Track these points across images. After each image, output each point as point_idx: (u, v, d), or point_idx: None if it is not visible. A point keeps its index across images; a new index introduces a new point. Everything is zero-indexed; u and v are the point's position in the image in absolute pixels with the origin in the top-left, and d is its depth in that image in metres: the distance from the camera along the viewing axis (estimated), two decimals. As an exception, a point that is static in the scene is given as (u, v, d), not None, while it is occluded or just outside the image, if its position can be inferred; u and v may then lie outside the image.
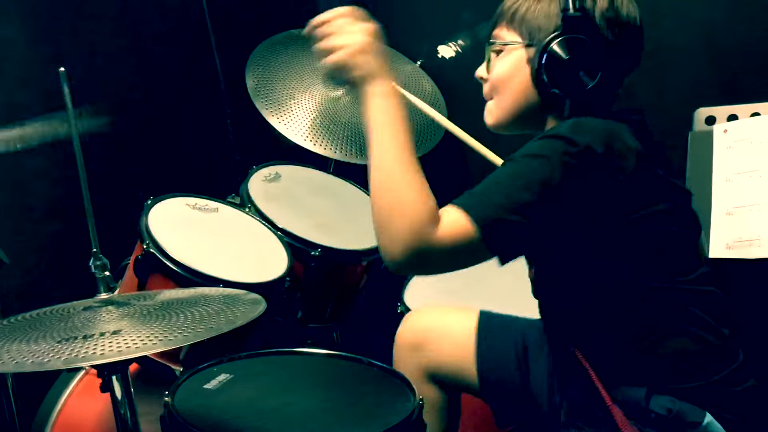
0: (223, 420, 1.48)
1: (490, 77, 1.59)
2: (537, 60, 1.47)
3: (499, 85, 1.57)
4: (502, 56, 1.56)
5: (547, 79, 1.46)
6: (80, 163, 1.46)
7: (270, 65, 2.65)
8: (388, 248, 1.36)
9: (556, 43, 1.45)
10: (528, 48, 1.51)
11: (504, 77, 1.55)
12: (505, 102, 1.56)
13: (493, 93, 1.59)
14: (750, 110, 2.04)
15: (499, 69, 1.56)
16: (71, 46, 2.64)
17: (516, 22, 1.53)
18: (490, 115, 1.61)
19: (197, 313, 1.40)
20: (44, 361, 1.23)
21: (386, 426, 1.45)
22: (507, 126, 1.59)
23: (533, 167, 1.35)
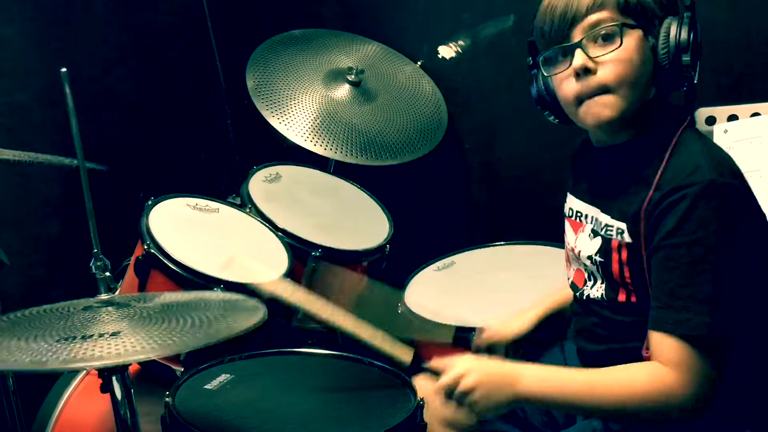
0: (223, 420, 1.49)
1: (609, 66, 1.41)
2: (672, 48, 1.40)
3: (631, 73, 1.42)
4: (628, 42, 1.41)
5: (691, 65, 1.40)
6: (81, 163, 1.46)
7: (270, 66, 2.65)
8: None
9: (693, 30, 1.39)
10: (648, 36, 1.42)
11: (636, 64, 1.41)
12: (633, 92, 1.42)
13: (620, 83, 1.42)
14: (750, 110, 2.04)
15: (629, 56, 1.41)
16: (71, 46, 2.64)
17: (630, 7, 1.41)
18: (611, 108, 1.43)
19: (197, 319, 1.40)
20: (42, 361, 1.23)
21: (386, 426, 1.45)
22: (624, 120, 1.45)
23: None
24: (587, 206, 1.54)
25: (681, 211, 1.34)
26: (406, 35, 2.91)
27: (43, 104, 2.56)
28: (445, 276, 2.29)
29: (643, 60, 1.42)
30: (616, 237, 1.45)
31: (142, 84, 2.82)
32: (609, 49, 1.41)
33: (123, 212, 2.18)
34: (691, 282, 1.33)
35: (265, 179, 2.43)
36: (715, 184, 1.33)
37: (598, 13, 1.42)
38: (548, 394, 1.41)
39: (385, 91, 2.73)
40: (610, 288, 1.48)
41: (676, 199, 1.35)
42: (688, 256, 1.33)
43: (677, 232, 1.34)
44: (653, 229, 1.38)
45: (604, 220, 1.48)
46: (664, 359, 1.35)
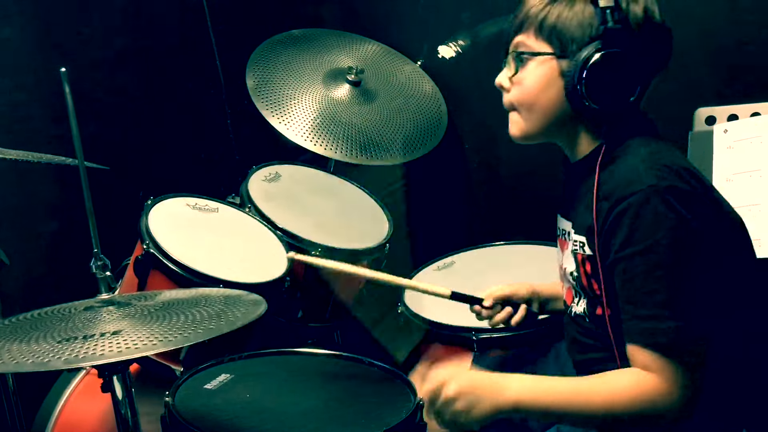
0: (223, 420, 1.49)
1: (516, 88, 1.51)
2: (575, 74, 1.41)
3: (528, 98, 1.49)
4: (531, 67, 1.48)
5: (587, 94, 1.41)
6: (81, 163, 1.46)
7: (270, 65, 2.65)
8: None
9: (595, 57, 1.39)
10: (560, 60, 1.45)
11: (535, 90, 1.48)
12: (535, 115, 1.50)
13: (520, 105, 1.52)
14: (750, 110, 2.04)
15: (530, 81, 1.48)
16: (71, 46, 2.64)
17: (545, 30, 1.45)
18: (516, 127, 1.54)
19: (197, 314, 1.40)
20: (45, 361, 1.23)
21: (386, 426, 1.45)
22: (534, 138, 1.54)
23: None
24: (566, 222, 1.57)
25: (628, 221, 1.35)
26: (406, 35, 2.91)
27: (43, 104, 2.56)
28: (445, 276, 2.29)
29: (545, 86, 1.47)
30: (580, 251, 1.47)
31: (142, 83, 2.82)
32: (514, 72, 1.50)
33: (123, 212, 2.18)
34: (651, 290, 1.34)
35: (264, 179, 2.43)
36: (656, 188, 1.34)
37: (521, 36, 1.49)
38: (533, 403, 1.40)
39: (385, 91, 2.73)
40: (589, 303, 1.49)
41: (621, 210, 1.36)
42: (643, 265, 1.34)
43: (628, 242, 1.35)
44: (607, 241, 1.39)
45: (573, 236, 1.50)
46: (644, 367, 1.35)
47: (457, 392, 1.40)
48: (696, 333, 1.33)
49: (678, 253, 1.33)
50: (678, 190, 1.35)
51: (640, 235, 1.34)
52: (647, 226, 1.34)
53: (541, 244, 2.32)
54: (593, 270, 1.45)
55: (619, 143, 1.45)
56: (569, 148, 1.55)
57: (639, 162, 1.39)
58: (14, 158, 1.94)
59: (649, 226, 1.33)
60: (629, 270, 1.35)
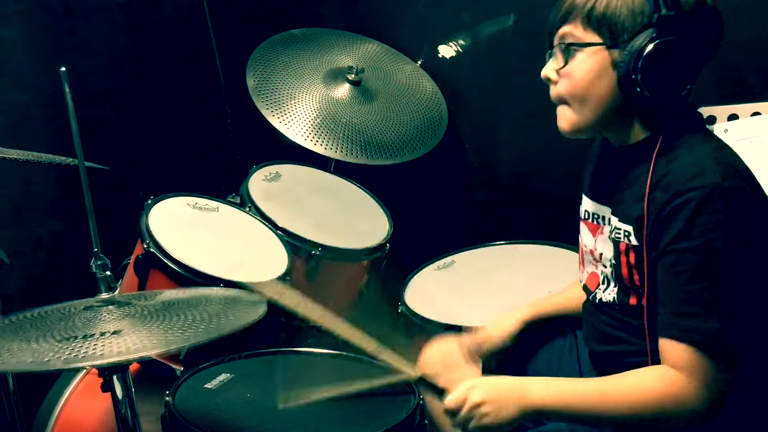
0: (223, 419, 1.49)
1: (565, 81, 1.46)
2: (630, 65, 1.37)
3: (580, 90, 1.44)
4: (580, 58, 1.43)
5: (644, 85, 1.37)
6: (81, 162, 1.46)
7: (270, 65, 2.65)
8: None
9: (650, 46, 1.35)
10: (611, 50, 1.40)
11: (587, 83, 1.43)
12: (587, 109, 1.45)
13: (571, 98, 1.46)
14: (750, 110, 2.04)
15: (580, 73, 1.43)
16: (71, 46, 2.64)
17: (594, 20, 1.40)
18: (566, 121, 1.48)
19: (198, 314, 1.40)
20: (44, 361, 1.23)
21: (386, 426, 1.45)
22: (585, 131, 1.49)
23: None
24: (601, 207, 1.53)
25: (686, 216, 1.33)
26: (406, 34, 2.91)
27: (43, 104, 2.56)
28: (445, 275, 2.29)
29: (596, 77, 1.42)
30: (624, 239, 1.44)
31: (142, 83, 2.82)
32: (563, 64, 1.45)
33: (123, 211, 2.18)
34: (700, 288, 1.32)
35: (264, 178, 2.43)
36: (721, 187, 1.32)
37: (567, 26, 1.44)
38: (559, 405, 1.39)
39: (385, 91, 2.73)
40: (622, 292, 1.47)
41: (680, 204, 1.33)
42: (695, 262, 1.32)
43: (683, 237, 1.33)
44: (659, 233, 1.37)
45: (614, 223, 1.47)
46: (675, 364, 1.34)
47: (483, 399, 1.39)
48: (735, 338, 1.32)
49: (732, 255, 1.31)
50: (741, 191, 1.34)
51: (697, 232, 1.32)
52: (706, 224, 1.31)
53: (542, 244, 2.32)
54: (637, 260, 1.42)
55: (677, 135, 1.41)
56: (616, 136, 1.50)
57: (704, 157, 1.36)
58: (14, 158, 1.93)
59: (707, 224, 1.31)
60: (679, 264, 1.33)
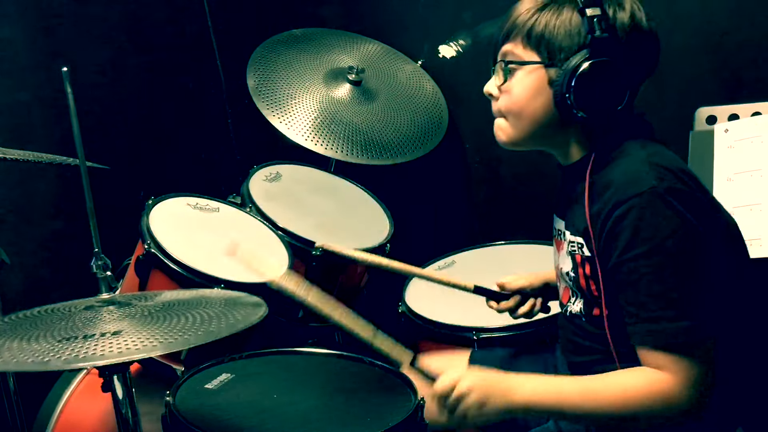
0: (223, 420, 1.49)
1: (504, 97, 1.52)
2: (564, 83, 1.41)
3: (517, 106, 1.50)
4: (519, 76, 1.49)
5: (576, 103, 1.41)
6: (82, 162, 1.46)
7: (271, 65, 2.65)
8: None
9: (584, 66, 1.39)
10: (548, 68, 1.45)
11: (523, 99, 1.49)
12: (522, 123, 1.51)
13: (508, 113, 1.53)
14: (751, 110, 2.04)
15: (518, 90, 1.49)
16: (71, 46, 2.64)
17: (533, 39, 1.46)
18: (503, 133, 1.55)
19: (198, 316, 1.40)
20: (44, 361, 1.23)
21: (386, 426, 1.45)
22: (522, 145, 1.55)
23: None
24: (561, 223, 1.57)
25: (631, 224, 1.35)
26: (406, 34, 2.91)
27: (44, 104, 2.56)
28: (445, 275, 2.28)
29: (533, 94, 1.47)
30: (578, 252, 1.48)
31: (143, 83, 2.82)
32: (503, 81, 1.51)
33: (123, 211, 2.18)
34: (659, 291, 1.34)
35: (265, 178, 2.43)
36: (657, 190, 1.34)
37: (508, 44, 1.50)
38: (545, 403, 1.41)
39: (385, 91, 2.73)
40: (586, 303, 1.50)
41: (622, 213, 1.36)
42: (648, 267, 1.34)
43: (632, 245, 1.35)
44: (608, 245, 1.39)
45: (569, 237, 1.51)
46: (657, 368, 1.35)
47: (470, 388, 1.41)
48: (706, 331, 1.33)
49: (683, 253, 1.33)
50: (679, 191, 1.36)
51: (644, 237, 1.34)
52: (650, 228, 1.34)
53: (541, 244, 2.32)
54: (592, 271, 1.45)
55: (614, 147, 1.45)
56: (560, 154, 1.56)
57: (638, 164, 1.39)
58: (14, 158, 1.94)
59: (652, 228, 1.34)
60: (634, 272, 1.36)
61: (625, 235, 1.36)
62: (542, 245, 2.32)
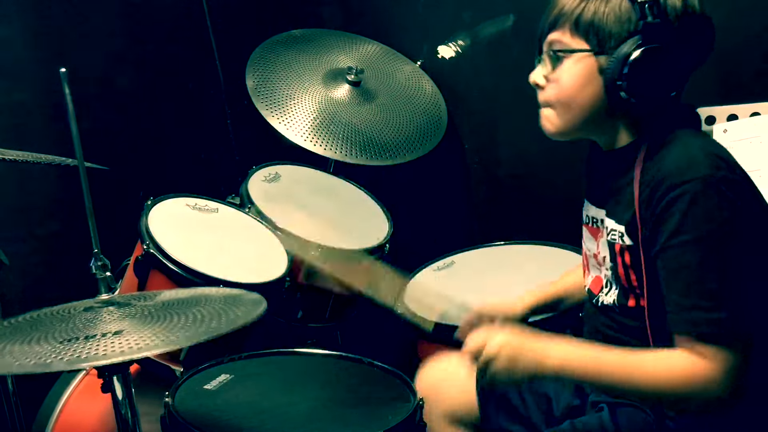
0: (223, 420, 1.49)
1: (552, 86, 1.49)
2: (616, 71, 1.39)
3: (566, 95, 1.47)
4: (567, 64, 1.46)
5: (629, 91, 1.39)
6: (80, 163, 1.46)
7: (270, 65, 2.65)
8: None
9: (636, 53, 1.37)
10: (598, 56, 1.42)
11: (573, 88, 1.46)
12: (572, 113, 1.48)
13: (557, 102, 1.49)
14: (750, 110, 2.04)
15: (567, 79, 1.46)
16: (71, 46, 2.64)
17: (582, 27, 1.43)
18: (551, 124, 1.52)
19: (198, 314, 1.40)
20: (46, 362, 1.23)
21: (386, 426, 1.45)
22: (570, 135, 1.52)
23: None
24: (599, 211, 1.55)
25: (681, 210, 1.34)
26: (406, 35, 2.91)
27: (43, 104, 2.56)
28: (444, 276, 2.29)
29: (583, 83, 1.45)
30: (618, 241, 1.46)
31: (141, 84, 2.82)
32: (551, 70, 1.48)
33: (123, 212, 2.18)
34: (700, 280, 1.33)
35: (264, 179, 2.43)
36: (713, 178, 1.33)
37: (555, 33, 1.47)
38: (580, 369, 1.40)
39: (384, 91, 2.73)
40: (622, 294, 1.48)
41: (675, 197, 1.34)
42: (696, 254, 1.33)
43: (680, 231, 1.34)
44: (655, 229, 1.38)
45: (609, 225, 1.49)
46: (696, 354, 1.35)
47: (501, 348, 1.41)
48: (745, 323, 1.33)
49: (730, 244, 1.33)
50: (733, 182, 1.35)
51: (694, 224, 1.33)
52: (701, 215, 1.33)
53: (542, 244, 2.32)
54: (633, 260, 1.44)
55: (665, 134, 1.43)
56: (605, 140, 1.53)
57: (695, 150, 1.37)
58: (14, 158, 1.94)
59: (703, 215, 1.33)
60: (680, 258, 1.35)
61: (675, 219, 1.34)
62: (542, 245, 2.32)
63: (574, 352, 1.42)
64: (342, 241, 2.27)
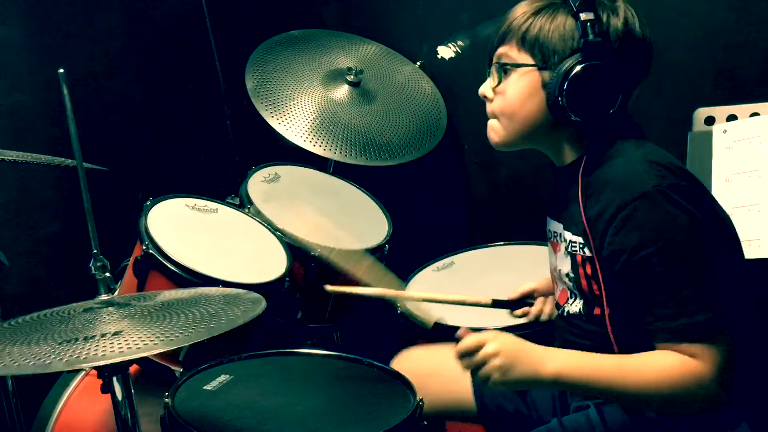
0: (222, 421, 1.49)
1: (499, 98, 1.54)
2: (556, 86, 1.44)
3: (510, 108, 1.53)
4: (513, 78, 1.51)
5: (568, 105, 1.44)
6: (80, 163, 1.46)
7: (269, 66, 2.65)
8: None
9: (576, 69, 1.42)
10: (542, 71, 1.48)
11: (517, 101, 1.51)
12: (515, 125, 1.53)
13: (501, 114, 1.55)
14: (749, 110, 2.04)
15: (512, 92, 1.51)
16: (71, 46, 2.64)
17: (528, 43, 1.48)
18: (496, 135, 1.58)
19: (197, 313, 1.40)
20: (46, 363, 1.23)
21: (386, 426, 1.45)
22: (513, 146, 1.57)
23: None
24: (557, 225, 1.58)
25: (638, 225, 1.36)
26: (405, 35, 2.91)
27: (43, 104, 2.56)
28: (444, 276, 2.29)
29: (527, 97, 1.50)
30: (579, 252, 1.48)
31: (141, 84, 2.82)
32: (497, 83, 1.53)
33: (122, 212, 2.18)
34: (674, 288, 1.35)
35: (264, 179, 2.43)
36: (661, 188, 1.36)
37: (504, 47, 1.52)
38: (576, 377, 1.40)
39: (384, 92, 2.73)
40: (585, 303, 1.51)
41: (627, 214, 1.37)
42: (661, 265, 1.35)
43: (642, 245, 1.36)
44: (614, 246, 1.40)
45: (568, 237, 1.51)
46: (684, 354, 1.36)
47: (497, 351, 1.40)
48: (724, 320, 1.35)
49: (693, 248, 1.35)
50: (681, 187, 1.38)
51: (654, 237, 1.35)
52: (659, 226, 1.35)
53: (541, 244, 2.32)
54: (593, 271, 1.46)
55: (606, 147, 1.47)
56: (554, 155, 1.57)
57: (637, 163, 1.41)
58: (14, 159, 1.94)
59: (660, 226, 1.35)
60: (647, 272, 1.36)
61: (633, 236, 1.37)
62: (541, 246, 2.31)
63: (571, 359, 1.43)
64: (342, 242, 2.27)
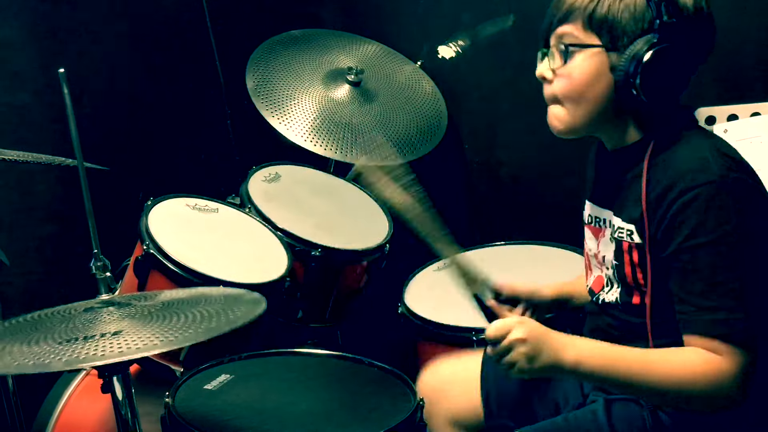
0: (223, 420, 1.49)
1: (561, 80, 1.46)
2: (629, 69, 1.38)
3: (576, 91, 1.45)
4: (578, 59, 1.44)
5: (642, 88, 1.38)
6: (80, 163, 1.46)
7: (270, 66, 2.65)
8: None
9: (651, 53, 1.36)
10: (610, 53, 1.41)
11: (584, 84, 1.44)
12: (581, 110, 1.46)
13: (566, 98, 1.47)
14: (750, 110, 2.04)
15: (578, 74, 1.44)
16: (71, 46, 2.64)
17: (595, 22, 1.41)
18: (560, 121, 1.49)
19: (198, 314, 1.40)
20: (46, 363, 1.23)
21: (386, 426, 1.45)
22: (578, 132, 1.50)
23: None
24: (603, 210, 1.54)
25: (698, 212, 1.34)
26: (406, 35, 2.91)
27: (43, 104, 2.56)
28: (445, 276, 2.28)
29: (594, 79, 1.44)
30: (627, 239, 1.45)
31: (141, 84, 2.82)
32: (561, 63, 1.46)
33: (122, 212, 2.18)
34: (721, 281, 1.34)
35: (264, 179, 2.43)
36: (727, 180, 1.34)
37: (566, 26, 1.45)
38: (596, 367, 1.39)
39: (385, 92, 2.73)
40: (625, 292, 1.48)
41: (689, 200, 1.35)
42: (711, 256, 1.34)
43: (696, 233, 1.34)
44: (668, 232, 1.38)
45: (617, 223, 1.48)
46: (710, 351, 1.35)
47: (525, 336, 1.38)
48: (758, 323, 1.34)
49: (745, 245, 1.34)
50: (746, 183, 1.37)
51: (710, 226, 1.33)
52: (718, 218, 1.33)
53: (542, 244, 2.32)
54: (641, 259, 1.43)
55: (673, 133, 1.43)
56: (610, 139, 1.52)
57: (706, 151, 1.38)
58: (14, 158, 1.94)
59: (718, 218, 1.33)
60: (695, 260, 1.35)
61: (690, 222, 1.34)
62: (542, 245, 2.32)
63: (593, 348, 1.42)
64: (342, 242, 2.27)
